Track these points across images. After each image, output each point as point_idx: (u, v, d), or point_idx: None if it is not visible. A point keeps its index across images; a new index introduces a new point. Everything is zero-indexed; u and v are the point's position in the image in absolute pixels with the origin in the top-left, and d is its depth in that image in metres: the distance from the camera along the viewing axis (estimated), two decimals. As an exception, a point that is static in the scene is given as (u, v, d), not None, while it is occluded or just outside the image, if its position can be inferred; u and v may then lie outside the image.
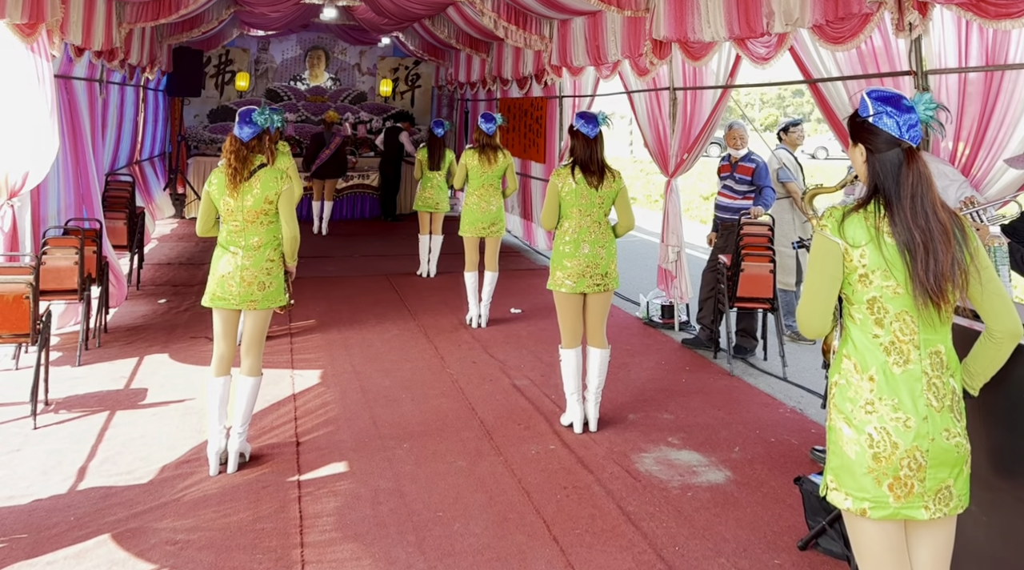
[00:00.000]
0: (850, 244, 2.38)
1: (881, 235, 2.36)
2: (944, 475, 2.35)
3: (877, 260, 2.35)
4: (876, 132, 2.41)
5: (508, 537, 3.84)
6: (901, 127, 2.37)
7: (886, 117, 2.39)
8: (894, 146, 2.39)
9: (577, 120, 5.07)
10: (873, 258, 2.36)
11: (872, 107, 2.42)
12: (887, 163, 2.39)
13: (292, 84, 16.00)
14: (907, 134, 2.38)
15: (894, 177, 2.38)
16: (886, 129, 2.39)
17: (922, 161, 2.40)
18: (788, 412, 5.70)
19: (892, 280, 2.35)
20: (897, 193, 2.37)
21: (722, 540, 3.91)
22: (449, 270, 9.66)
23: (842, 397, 2.41)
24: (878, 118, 2.40)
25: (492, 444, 4.92)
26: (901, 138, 2.38)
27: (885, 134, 2.39)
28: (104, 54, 7.71)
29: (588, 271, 5.04)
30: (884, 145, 2.40)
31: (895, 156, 2.39)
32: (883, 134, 2.39)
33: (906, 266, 2.34)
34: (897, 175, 2.38)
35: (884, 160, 2.40)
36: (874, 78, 4.98)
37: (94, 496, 4.10)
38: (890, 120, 2.38)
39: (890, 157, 2.39)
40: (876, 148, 2.41)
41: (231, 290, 4.33)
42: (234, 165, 4.30)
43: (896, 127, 2.37)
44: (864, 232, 2.37)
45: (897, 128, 2.37)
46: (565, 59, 9.61)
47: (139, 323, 7.28)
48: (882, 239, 2.35)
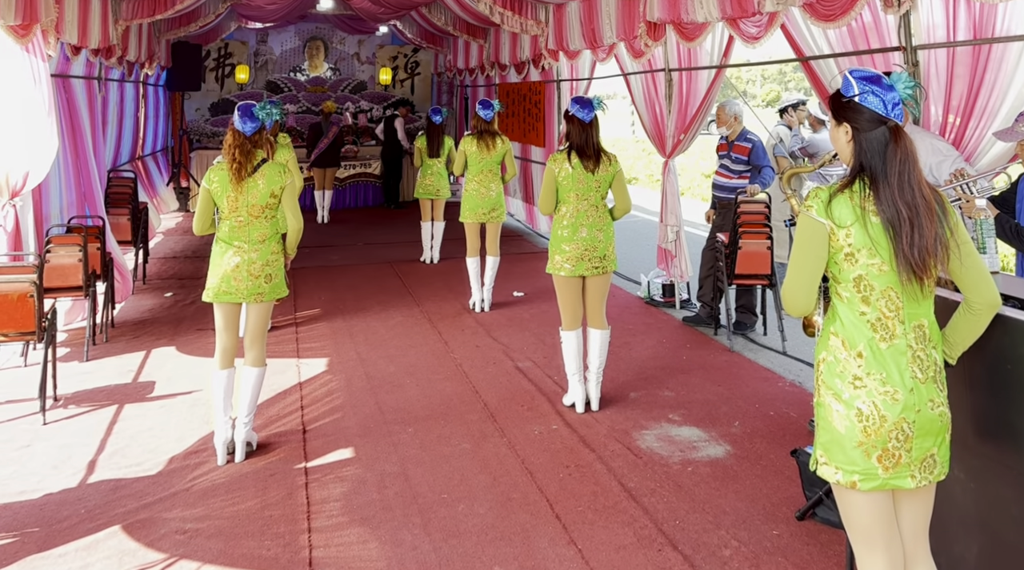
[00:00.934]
0: (836, 224, 2.41)
1: (867, 214, 2.39)
2: (929, 444, 2.41)
3: (863, 239, 2.39)
4: (861, 111, 2.43)
5: (512, 516, 3.92)
6: (887, 105, 2.41)
7: (871, 96, 2.41)
8: (880, 125, 2.42)
9: (572, 105, 5.11)
10: (859, 237, 2.40)
11: (857, 87, 2.44)
12: (874, 142, 2.42)
13: (292, 75, 16.03)
14: (892, 112, 2.41)
15: (880, 155, 2.42)
16: (872, 108, 2.42)
17: (908, 138, 2.44)
18: (787, 385, 5.76)
19: (877, 258, 2.39)
20: (884, 171, 2.40)
21: (721, 512, 3.98)
22: (452, 256, 9.72)
23: (830, 373, 2.46)
24: (863, 97, 2.42)
25: (496, 426, 5.00)
26: (887, 116, 2.41)
27: (870, 113, 2.42)
28: (102, 51, 7.75)
29: (586, 254, 5.10)
30: (869, 124, 2.43)
31: (881, 134, 2.42)
32: (868, 113, 2.42)
33: (890, 243, 2.38)
34: (884, 153, 2.41)
35: (871, 139, 2.43)
36: (865, 54, 5.00)
37: (104, 488, 4.18)
38: (875, 99, 2.41)
39: (876, 135, 2.42)
40: (862, 127, 2.44)
41: (238, 285, 4.40)
42: (239, 159, 4.35)
43: (882, 105, 2.41)
44: (850, 212, 2.41)
45: (883, 106, 2.41)
46: (561, 43, 9.61)
47: (146, 317, 7.37)
48: (867, 218, 2.39)
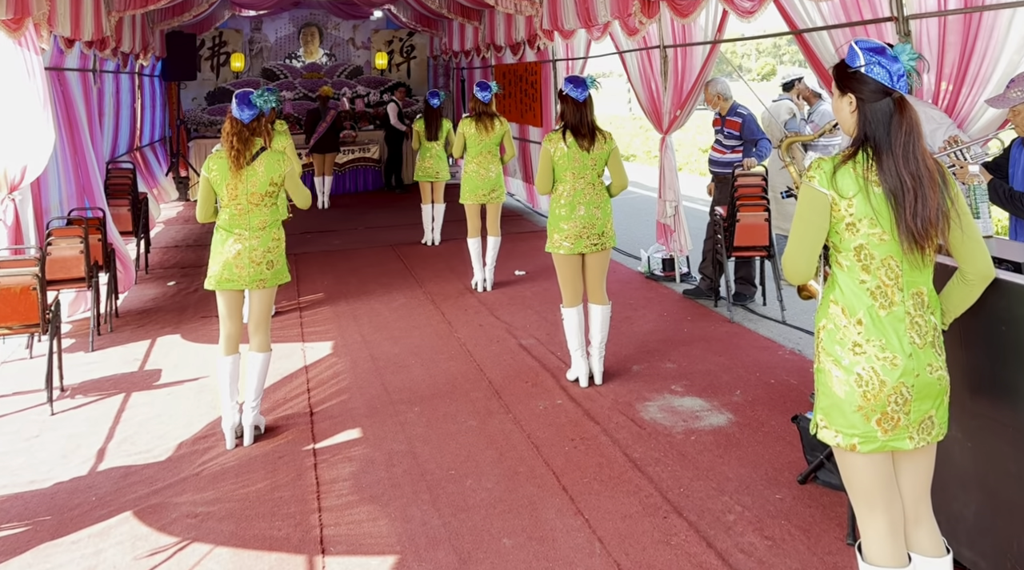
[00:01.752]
0: (840, 195, 2.43)
1: (869, 185, 2.41)
2: (927, 407, 2.45)
3: (865, 209, 2.42)
4: (867, 82, 2.44)
5: (519, 490, 3.97)
6: (893, 76, 2.41)
7: (878, 67, 2.42)
8: (885, 96, 2.43)
9: (566, 84, 5.13)
10: (861, 207, 2.42)
11: (863, 57, 2.44)
12: (879, 112, 2.43)
13: (287, 62, 15.99)
14: (898, 83, 2.42)
15: (885, 126, 2.43)
16: (878, 78, 2.42)
17: (912, 109, 2.44)
18: (787, 354, 5.81)
19: (878, 228, 2.42)
20: (888, 141, 2.42)
21: (725, 479, 4.04)
22: (453, 237, 9.75)
23: (830, 340, 2.50)
24: (870, 68, 2.43)
25: (501, 403, 5.05)
26: (893, 87, 2.42)
27: (876, 83, 2.43)
28: (95, 44, 7.75)
29: (585, 232, 5.13)
30: (874, 95, 2.43)
31: (886, 105, 2.43)
32: (874, 83, 2.43)
33: (892, 213, 2.40)
34: (888, 124, 2.42)
35: (876, 109, 2.44)
36: (858, 26, 5.00)
37: (114, 475, 4.24)
38: (882, 70, 2.41)
39: (881, 106, 2.43)
40: (867, 97, 2.45)
41: (240, 272, 4.43)
42: (237, 147, 4.38)
43: (888, 77, 2.41)
44: (853, 182, 2.43)
45: (889, 78, 2.41)
46: (556, 23, 9.59)
47: (149, 306, 7.42)
48: (870, 189, 2.41)
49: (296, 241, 9.77)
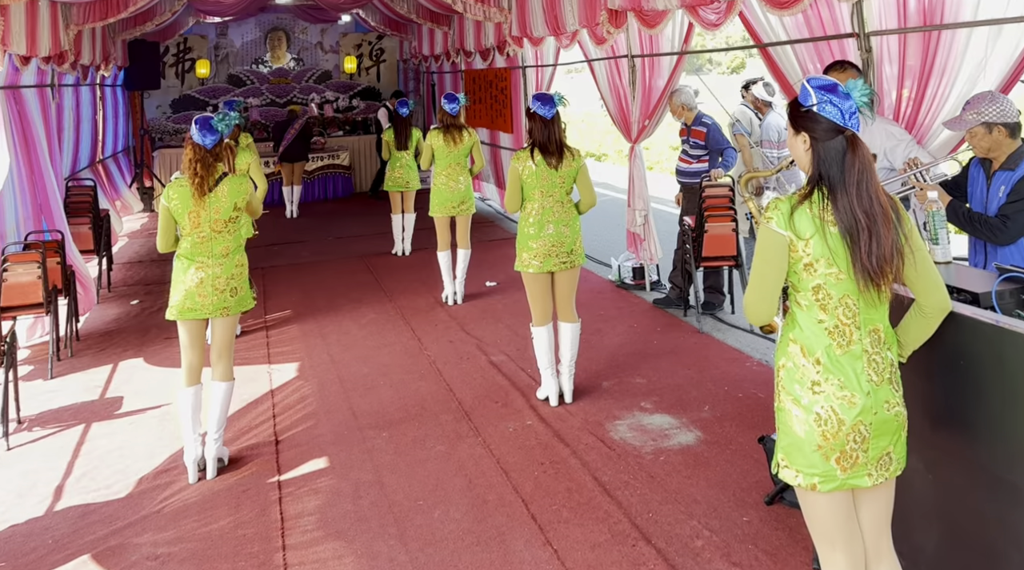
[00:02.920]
0: (797, 235, 2.43)
1: (826, 225, 2.42)
2: (885, 443, 2.46)
3: (822, 250, 2.42)
4: (820, 121, 2.45)
5: (488, 520, 3.93)
6: (844, 115, 2.42)
7: (830, 105, 2.42)
8: (838, 134, 2.43)
9: (534, 102, 5.10)
10: (818, 248, 2.42)
11: (815, 96, 2.45)
12: (832, 151, 2.44)
13: (254, 68, 15.81)
14: (849, 122, 2.42)
15: (839, 165, 2.43)
16: (830, 117, 2.42)
17: (864, 147, 2.45)
18: (755, 365, 5.83)
19: (835, 267, 2.42)
20: (842, 180, 2.42)
21: (693, 502, 4.03)
22: (424, 246, 9.69)
23: (790, 379, 2.50)
24: (822, 107, 2.43)
25: (470, 425, 5.01)
26: (845, 126, 2.42)
27: (828, 122, 2.43)
28: (53, 58, 7.59)
29: (554, 250, 5.11)
30: (827, 133, 2.44)
31: (839, 144, 2.43)
32: (826, 122, 2.43)
33: (848, 252, 2.41)
34: (842, 162, 2.43)
35: (829, 148, 2.44)
36: (820, 41, 5.02)
37: (72, 515, 4.13)
38: (834, 108, 2.42)
39: (834, 145, 2.44)
40: (820, 137, 2.45)
41: (203, 300, 4.35)
42: (200, 174, 4.29)
43: (840, 115, 2.42)
44: (810, 223, 2.42)
45: (841, 116, 2.42)
46: (525, 30, 9.55)
47: (112, 328, 7.28)
48: (827, 229, 2.41)
49: (264, 254, 9.67)
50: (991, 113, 3.65)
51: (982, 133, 3.70)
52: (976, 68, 4.15)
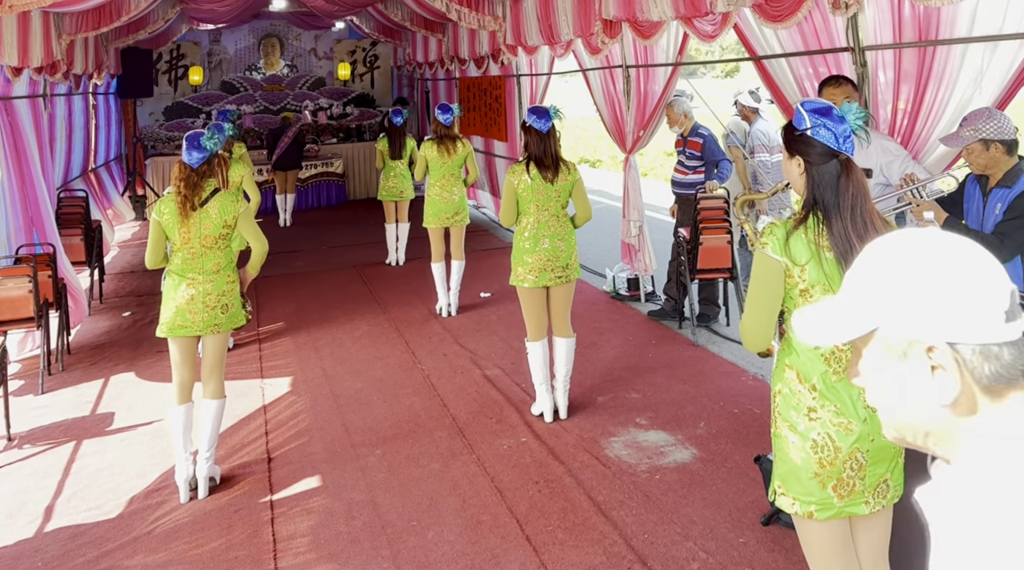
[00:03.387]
0: (793, 261, 2.40)
1: (821, 251, 2.39)
2: (882, 470, 2.43)
3: (818, 275, 2.39)
4: (814, 145, 2.42)
5: (482, 541, 3.89)
6: (838, 138, 2.39)
7: (823, 129, 2.40)
8: (832, 158, 2.41)
9: (529, 116, 5.07)
10: (814, 274, 2.39)
11: (809, 119, 2.42)
12: (826, 175, 2.41)
13: (248, 74, 15.75)
14: (843, 145, 2.40)
15: (833, 189, 2.40)
16: (824, 141, 2.40)
17: (859, 171, 2.43)
18: (750, 380, 5.81)
19: (831, 292, 2.39)
20: (836, 204, 2.39)
21: (689, 522, 3.99)
22: (418, 256, 9.63)
23: (786, 405, 2.47)
24: (816, 131, 2.41)
25: (464, 442, 4.97)
26: (839, 150, 2.40)
27: (822, 146, 2.41)
28: (45, 68, 7.54)
29: (549, 265, 5.08)
30: (821, 157, 2.41)
31: (833, 168, 2.41)
32: (820, 146, 2.41)
33: (843, 277, 2.37)
34: (836, 187, 2.40)
35: (823, 172, 2.41)
36: (816, 54, 5.01)
37: (62, 537, 4.08)
38: (827, 132, 2.39)
39: (828, 169, 2.41)
40: (814, 161, 2.43)
41: (193, 317, 4.31)
42: (184, 193, 4.25)
43: (834, 139, 2.39)
44: (805, 248, 2.40)
45: (835, 140, 2.39)
46: (520, 38, 9.54)
47: (103, 340, 7.22)
48: (823, 255, 2.39)
49: (257, 264, 9.60)
50: (988, 130, 3.63)
51: (979, 150, 3.68)
52: (972, 83, 4.14)
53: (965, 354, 1.06)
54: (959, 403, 1.07)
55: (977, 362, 1.06)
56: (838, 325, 1.17)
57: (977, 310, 1.06)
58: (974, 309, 1.06)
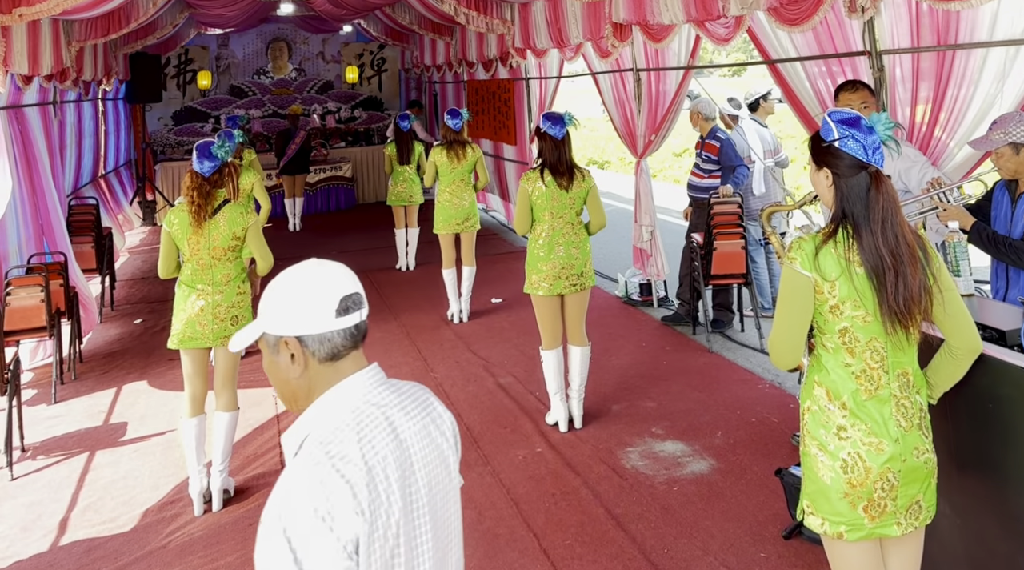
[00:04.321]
0: (823, 277, 2.34)
1: (852, 266, 2.33)
2: (915, 491, 2.37)
3: (848, 291, 2.33)
4: (842, 156, 2.35)
5: (499, 556, 3.85)
6: (868, 150, 2.32)
7: (852, 141, 2.33)
8: (861, 170, 2.34)
9: (544, 122, 5.03)
10: (844, 290, 2.33)
11: (837, 131, 2.35)
12: (855, 188, 2.34)
13: (256, 79, 15.74)
14: (873, 157, 2.33)
15: (863, 202, 2.34)
16: (852, 153, 2.33)
17: (889, 183, 2.36)
18: (767, 387, 5.75)
19: (862, 309, 2.34)
20: (866, 217, 2.33)
21: (709, 536, 3.94)
22: (428, 261, 9.60)
23: (815, 424, 2.41)
24: (843, 142, 2.34)
25: (480, 453, 4.93)
26: (868, 162, 2.33)
27: (851, 158, 2.34)
28: (55, 76, 7.53)
29: (564, 272, 5.04)
30: (851, 169, 2.35)
31: (863, 180, 2.34)
32: (849, 158, 2.34)
33: (875, 293, 2.32)
34: (866, 199, 2.33)
35: (852, 185, 2.35)
36: (831, 58, 4.95)
37: (77, 551, 4.05)
38: (856, 143, 2.33)
39: (858, 181, 2.34)
40: (843, 173, 2.36)
41: (203, 329, 4.28)
42: (197, 202, 4.23)
43: (863, 150, 2.32)
44: (835, 264, 2.34)
45: (864, 151, 2.32)
46: (528, 42, 9.49)
47: (115, 348, 7.19)
48: (853, 270, 2.33)
49: (267, 269, 9.57)
50: (1019, 133, 3.56)
51: (1009, 154, 3.61)
52: (993, 88, 4.08)
53: (308, 343, 1.61)
54: (307, 375, 1.63)
55: (316, 346, 1.61)
56: (245, 334, 1.70)
57: (312, 312, 1.60)
58: (309, 311, 1.60)
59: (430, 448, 1.67)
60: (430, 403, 1.76)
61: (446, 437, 1.73)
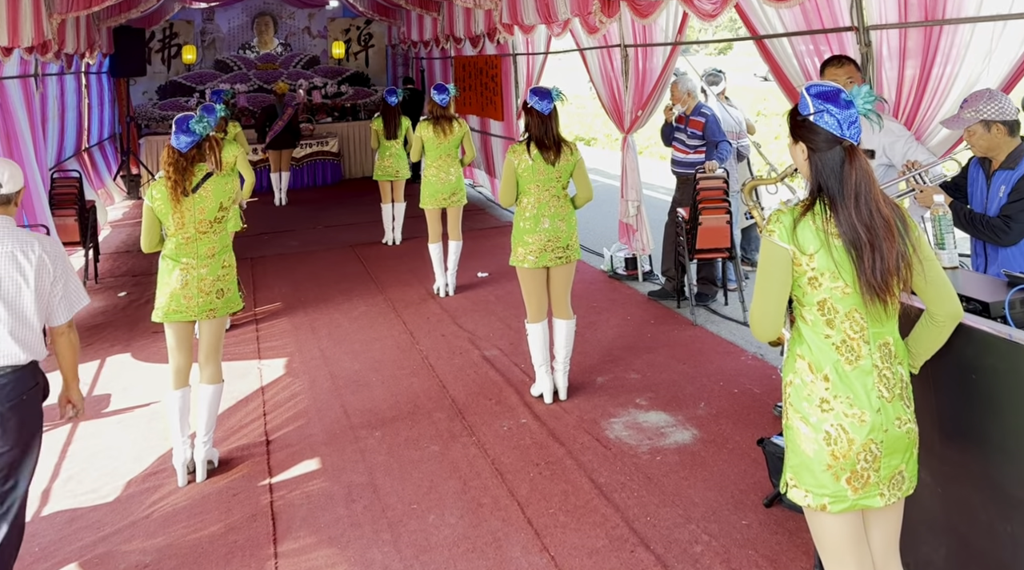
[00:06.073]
0: (800, 250, 2.36)
1: (830, 238, 2.34)
2: (897, 462, 2.40)
3: (826, 263, 2.34)
4: (817, 131, 2.37)
5: (483, 524, 3.88)
6: (842, 125, 2.33)
7: (827, 115, 2.34)
8: (836, 144, 2.35)
9: (531, 97, 5.01)
10: (823, 262, 2.35)
11: (812, 105, 2.37)
12: (829, 162, 2.36)
13: (241, 53, 15.60)
14: (848, 131, 2.34)
15: (837, 176, 2.35)
16: (827, 127, 2.34)
17: (863, 157, 2.37)
18: (750, 359, 5.79)
19: (840, 281, 2.35)
20: (841, 192, 2.34)
21: (691, 505, 3.98)
22: (415, 235, 9.57)
23: (798, 396, 2.43)
24: (819, 116, 2.35)
25: (464, 424, 4.95)
26: (843, 136, 2.34)
27: (826, 132, 2.35)
28: (36, 48, 7.42)
29: (549, 245, 5.04)
30: (826, 143, 2.36)
31: (837, 155, 2.35)
32: (824, 133, 2.35)
33: (853, 266, 2.33)
34: (840, 174, 2.35)
35: (826, 159, 2.36)
36: (818, 34, 4.94)
37: (59, 521, 4.04)
38: (831, 118, 2.34)
39: (832, 156, 2.36)
40: (817, 147, 2.37)
41: (188, 302, 4.25)
42: (173, 178, 4.18)
43: (837, 125, 2.33)
44: (814, 236, 2.35)
45: (838, 126, 2.33)
46: (516, 17, 9.42)
47: (99, 321, 7.15)
48: (832, 242, 2.34)
49: (253, 243, 9.55)
50: (990, 111, 3.58)
51: (980, 131, 3.63)
52: (979, 64, 4.09)
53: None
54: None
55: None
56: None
57: None
58: None
59: (8, 259, 3.07)
60: (18, 234, 3.12)
61: (24, 252, 3.09)
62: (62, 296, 3.25)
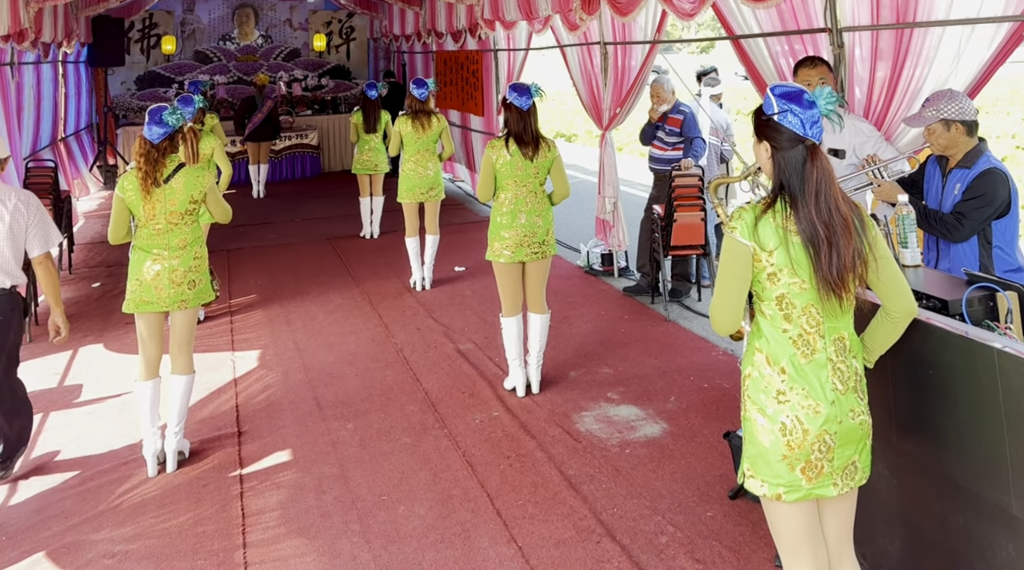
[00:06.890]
0: (760, 246, 2.42)
1: (789, 235, 2.41)
2: (850, 452, 2.46)
3: (785, 260, 2.41)
4: (781, 130, 2.43)
5: (452, 515, 3.91)
6: (805, 124, 2.40)
7: (791, 115, 2.41)
8: (798, 143, 2.42)
9: (510, 93, 5.05)
10: (781, 258, 2.41)
11: (776, 105, 2.44)
12: (792, 161, 2.43)
13: (221, 44, 15.49)
14: (810, 131, 2.41)
15: (799, 174, 2.42)
16: (790, 127, 2.41)
17: (824, 157, 2.44)
18: (720, 355, 5.85)
19: (798, 277, 2.42)
20: (802, 190, 2.41)
21: (658, 496, 4.03)
22: (393, 229, 9.57)
23: (755, 388, 2.49)
24: (783, 116, 2.42)
25: (436, 416, 4.97)
26: (805, 136, 2.41)
27: (789, 132, 2.42)
28: (12, 36, 7.36)
29: (526, 240, 5.08)
30: (788, 143, 2.43)
31: (799, 154, 2.42)
32: (787, 132, 2.42)
33: (810, 262, 2.40)
34: (802, 172, 2.42)
35: (789, 158, 2.43)
36: (793, 35, 5.00)
37: (27, 510, 4.03)
38: (794, 118, 2.41)
39: (794, 155, 2.43)
40: (780, 146, 2.44)
41: (159, 293, 4.25)
42: (144, 169, 4.17)
43: (800, 125, 2.41)
44: (773, 233, 2.42)
45: (801, 126, 2.41)
46: (497, 13, 9.44)
47: (72, 311, 7.09)
48: (790, 239, 2.41)
49: (230, 235, 9.52)
50: (950, 110, 3.66)
51: (940, 130, 3.71)
52: (948, 66, 4.15)
53: None
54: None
55: None
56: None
57: None
58: None
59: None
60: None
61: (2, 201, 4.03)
62: (35, 233, 4.17)
